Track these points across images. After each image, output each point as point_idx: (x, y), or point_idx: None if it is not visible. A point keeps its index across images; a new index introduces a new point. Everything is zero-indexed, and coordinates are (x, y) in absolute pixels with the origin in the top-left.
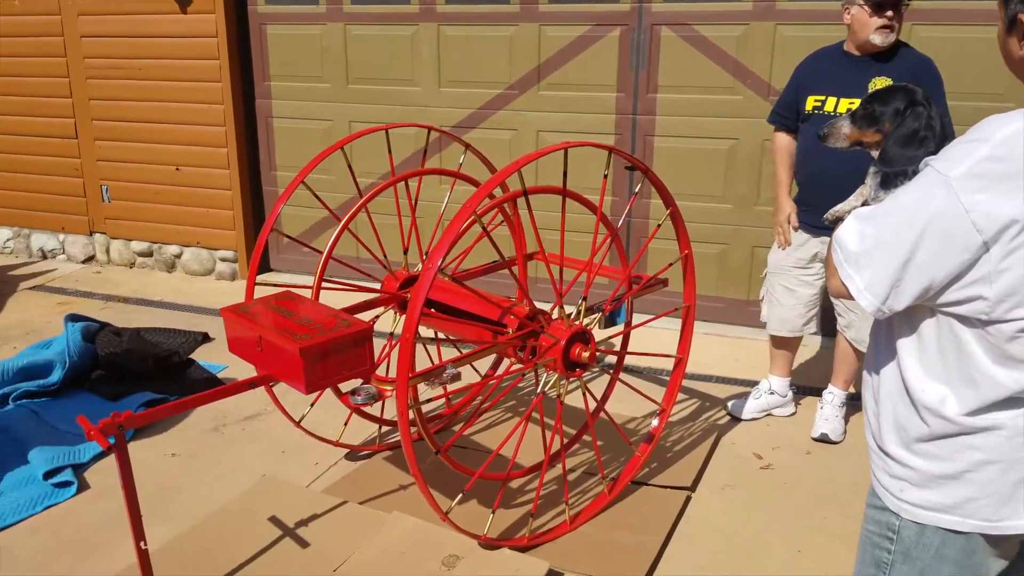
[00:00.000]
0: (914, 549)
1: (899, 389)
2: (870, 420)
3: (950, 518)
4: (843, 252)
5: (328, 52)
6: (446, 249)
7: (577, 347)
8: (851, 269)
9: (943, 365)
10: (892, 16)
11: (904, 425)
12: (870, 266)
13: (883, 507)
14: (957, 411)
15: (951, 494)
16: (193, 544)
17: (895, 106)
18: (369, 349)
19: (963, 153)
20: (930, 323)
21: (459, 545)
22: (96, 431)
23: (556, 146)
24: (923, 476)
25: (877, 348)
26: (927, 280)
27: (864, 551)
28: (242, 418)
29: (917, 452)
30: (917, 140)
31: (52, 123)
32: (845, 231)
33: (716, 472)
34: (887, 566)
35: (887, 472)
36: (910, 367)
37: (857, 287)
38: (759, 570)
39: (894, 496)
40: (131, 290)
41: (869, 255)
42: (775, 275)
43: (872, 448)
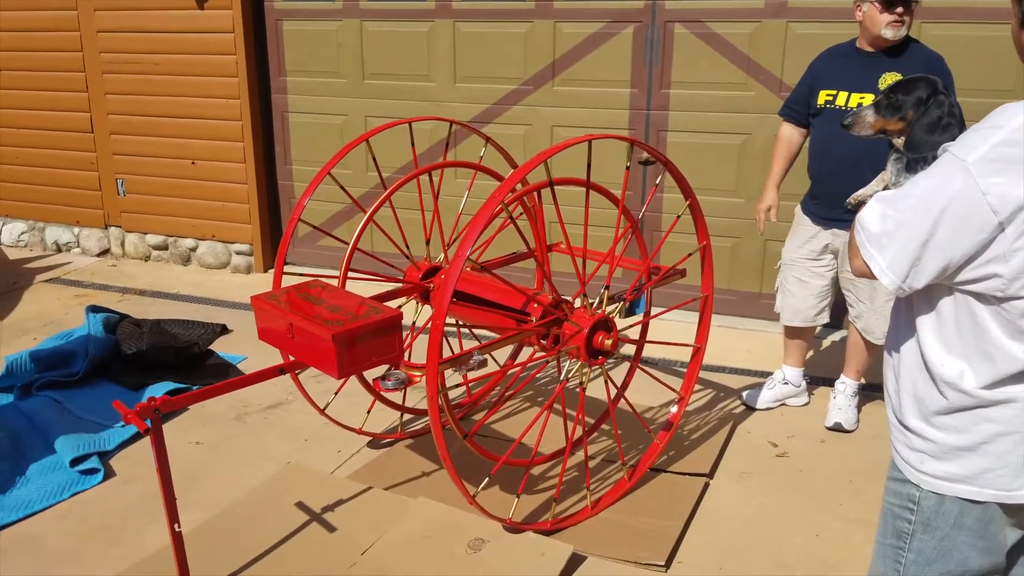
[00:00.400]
0: (934, 519)
1: (919, 365)
2: (891, 396)
3: (968, 488)
4: (865, 233)
5: (344, 48)
6: (475, 238)
7: (600, 335)
8: (873, 249)
9: (961, 341)
10: (902, 12)
11: (924, 399)
12: (891, 246)
13: (904, 479)
14: (974, 384)
15: (969, 465)
16: (221, 529)
17: (918, 95)
18: (399, 336)
19: (979, 139)
20: (948, 301)
21: (484, 529)
22: (133, 415)
23: (580, 138)
24: (942, 448)
25: (897, 327)
26: (946, 259)
27: (885, 523)
28: (264, 407)
29: (936, 425)
30: (941, 127)
31: (68, 117)
32: (867, 213)
33: (733, 460)
34: (908, 536)
35: (907, 445)
36: (929, 343)
37: (879, 266)
38: (778, 553)
39: (914, 468)
40: (147, 283)
41: (891, 235)
42: (788, 267)
43: (893, 423)
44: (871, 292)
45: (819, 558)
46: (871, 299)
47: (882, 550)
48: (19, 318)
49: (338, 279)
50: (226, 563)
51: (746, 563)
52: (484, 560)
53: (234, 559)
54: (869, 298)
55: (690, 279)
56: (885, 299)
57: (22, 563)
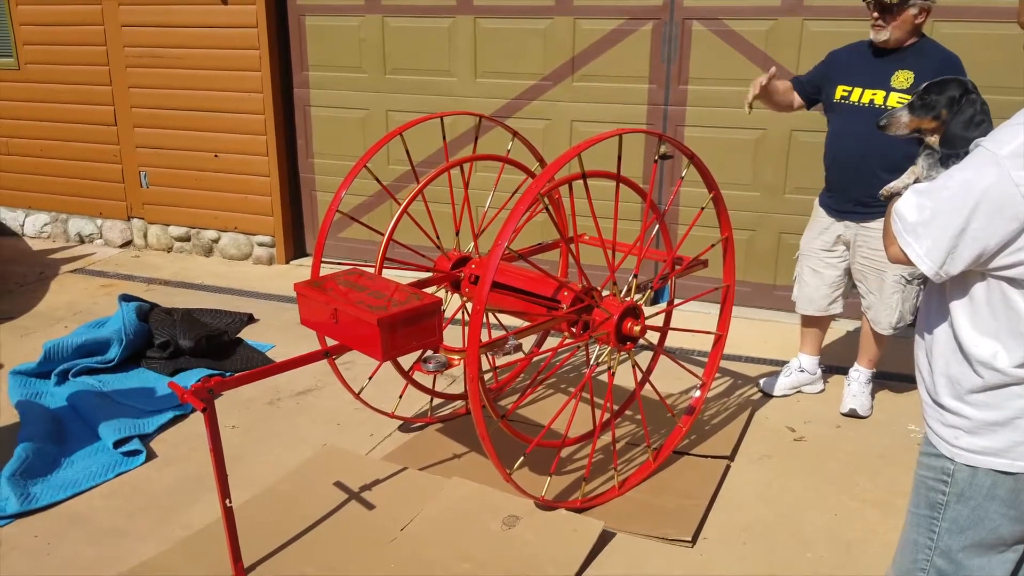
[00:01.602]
0: (967, 490)
1: (952, 347)
2: (924, 376)
3: (1001, 461)
4: (902, 223)
5: (366, 43)
6: (513, 227)
7: (628, 321)
8: (910, 238)
9: (994, 323)
10: (877, 16)
11: (957, 379)
12: (928, 235)
13: (938, 454)
14: (1008, 364)
15: (1001, 439)
16: (263, 508)
17: (950, 94)
18: (439, 321)
19: (1011, 135)
20: (981, 286)
21: (517, 507)
22: (190, 394)
23: (611, 132)
24: (976, 424)
25: (929, 311)
26: (980, 247)
27: (918, 494)
28: (295, 393)
29: (970, 403)
30: (975, 123)
31: (92, 110)
32: (904, 204)
33: (752, 444)
34: (942, 507)
35: (941, 422)
36: (963, 326)
37: (917, 254)
38: (798, 531)
39: (948, 443)
40: (171, 273)
41: (927, 225)
42: (804, 257)
43: (926, 402)
44: (879, 284)
45: (838, 536)
46: (880, 291)
47: (915, 519)
48: (50, 307)
49: (374, 267)
50: (272, 538)
51: (768, 540)
52: (519, 535)
53: (279, 535)
54: (878, 289)
55: (707, 271)
56: (892, 291)
57: (77, 537)
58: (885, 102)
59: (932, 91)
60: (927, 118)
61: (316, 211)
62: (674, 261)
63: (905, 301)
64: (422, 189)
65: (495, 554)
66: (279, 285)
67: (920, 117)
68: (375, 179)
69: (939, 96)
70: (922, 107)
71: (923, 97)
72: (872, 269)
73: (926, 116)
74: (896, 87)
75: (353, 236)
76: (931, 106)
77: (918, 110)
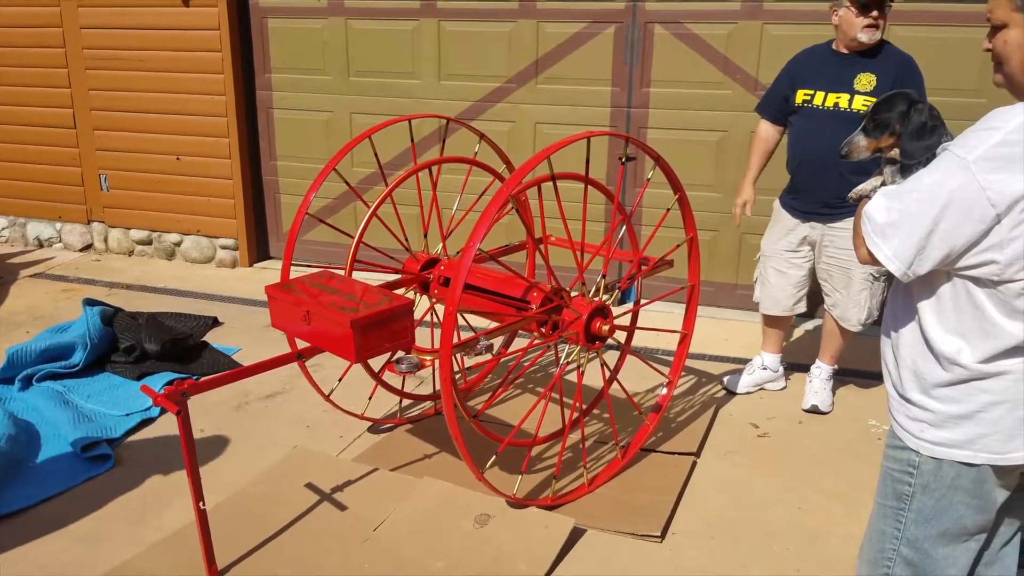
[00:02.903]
0: (932, 482)
1: (918, 343)
2: (890, 371)
3: (964, 452)
4: (871, 224)
5: (329, 46)
6: (485, 229)
7: (597, 321)
8: (879, 239)
9: (959, 320)
10: (877, 16)
11: (923, 374)
12: (896, 236)
13: (903, 446)
14: (971, 359)
15: (965, 432)
16: (235, 510)
17: (899, 110)
18: (411, 322)
19: (979, 140)
20: (947, 286)
21: (489, 505)
22: (163, 397)
23: (580, 135)
24: (940, 417)
25: (895, 309)
26: (947, 248)
27: (885, 486)
28: (263, 396)
29: (935, 397)
30: (928, 130)
31: (50, 113)
32: (873, 206)
33: (717, 440)
34: (908, 498)
35: (907, 416)
36: (929, 323)
37: (885, 255)
38: (764, 524)
39: (914, 436)
40: (133, 277)
41: (896, 226)
42: (767, 259)
43: (892, 396)
44: (847, 282)
45: (802, 528)
46: (847, 288)
47: (882, 511)
48: (9, 312)
49: (343, 270)
50: (245, 540)
51: (735, 534)
52: (492, 534)
53: (252, 537)
54: (845, 287)
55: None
56: (860, 288)
57: (48, 543)
58: (850, 105)
59: (881, 110)
60: (883, 136)
61: (280, 214)
62: (640, 261)
63: (873, 297)
64: (391, 191)
65: (469, 552)
66: (243, 288)
67: (876, 138)
68: (344, 182)
69: (889, 113)
70: (875, 128)
71: (874, 118)
72: (839, 268)
73: (882, 135)
74: (860, 90)
75: (317, 239)
76: (884, 124)
77: (872, 132)
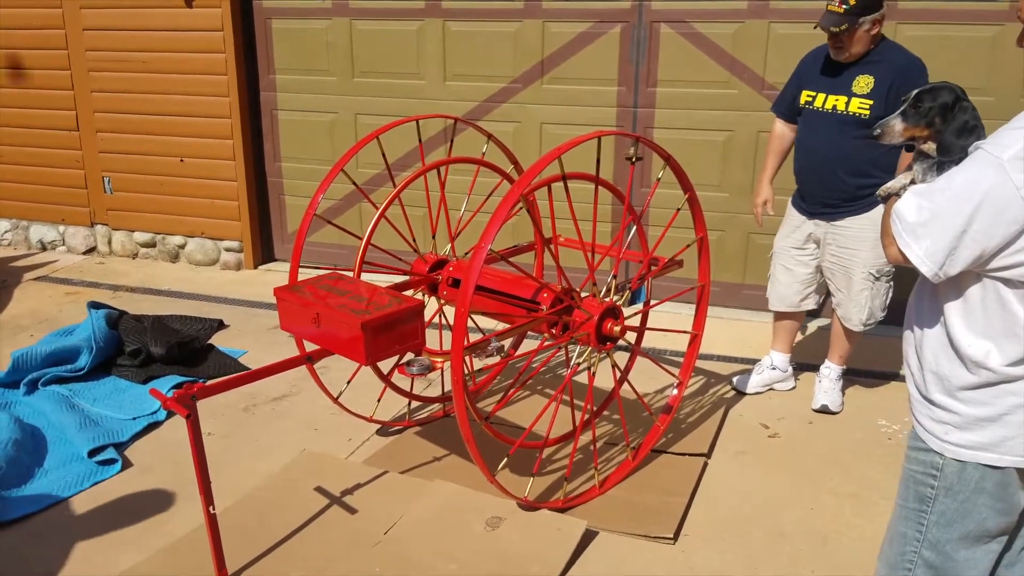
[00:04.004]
0: (956, 484)
1: (943, 345)
2: (913, 373)
3: (989, 455)
4: (902, 223)
5: (334, 46)
6: (497, 230)
7: (608, 321)
8: (910, 238)
9: (987, 323)
10: (831, 39)
11: (948, 376)
12: (928, 236)
13: (927, 448)
14: (1000, 362)
15: (990, 434)
16: (244, 514)
17: (943, 101)
18: (421, 324)
19: (1013, 138)
20: (975, 287)
21: (500, 508)
22: (172, 401)
23: (591, 134)
24: (965, 420)
25: (919, 311)
26: (980, 248)
27: (907, 488)
28: (271, 399)
29: (961, 399)
30: (968, 130)
31: (53, 115)
32: (904, 205)
33: (728, 441)
34: (931, 500)
35: (930, 417)
36: (956, 326)
37: (916, 255)
38: (776, 525)
39: (938, 438)
40: (137, 280)
41: (927, 226)
42: (777, 255)
43: (915, 397)
44: (847, 281)
45: (814, 529)
46: (848, 288)
47: (903, 513)
48: (14, 315)
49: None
50: (254, 544)
51: (747, 535)
52: (503, 536)
53: (262, 541)
54: (846, 287)
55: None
56: (860, 288)
57: (55, 548)
58: (847, 107)
59: (924, 99)
60: (920, 125)
61: (284, 216)
62: (650, 262)
63: (875, 298)
64: (400, 191)
65: (480, 555)
66: (248, 291)
67: (914, 125)
68: (352, 182)
69: (932, 104)
70: (916, 115)
71: (916, 105)
72: (840, 267)
73: (919, 123)
74: (857, 92)
75: (323, 240)
76: (924, 114)
77: (911, 118)
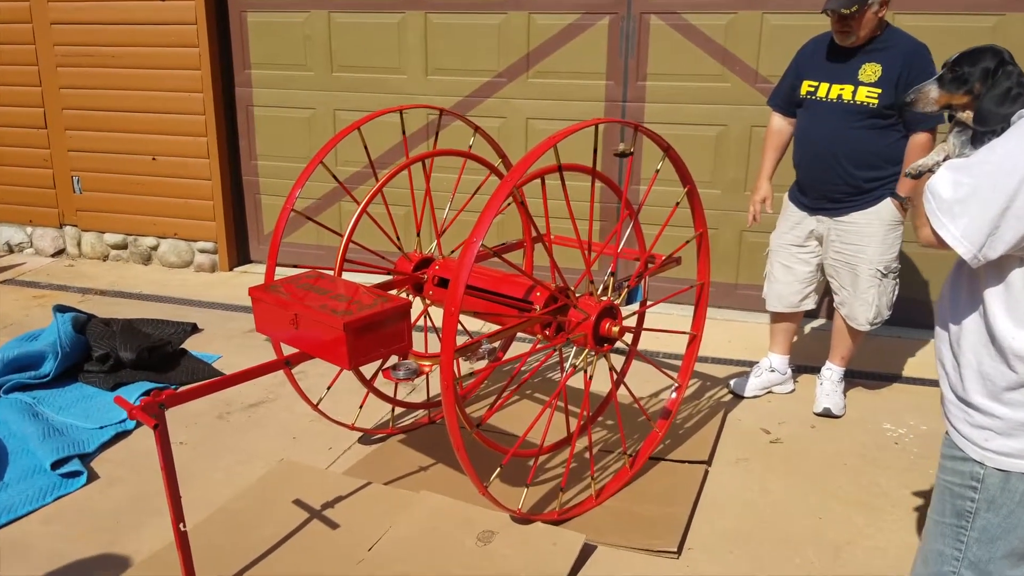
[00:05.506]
0: (999, 496)
1: (984, 340)
2: (948, 372)
3: None
4: (936, 200)
5: (311, 40)
6: (489, 223)
7: (606, 322)
8: (945, 218)
9: None
10: (838, 22)
11: (991, 376)
12: (966, 214)
13: (964, 457)
14: None
15: None
16: (218, 529)
17: (984, 66)
18: (408, 325)
19: None
20: (1020, 272)
21: (492, 521)
22: (139, 410)
23: (588, 122)
24: (1010, 424)
25: (956, 301)
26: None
27: (942, 502)
28: (247, 406)
29: (1004, 401)
30: (1010, 98)
31: (19, 112)
32: (939, 180)
33: (728, 447)
34: (970, 515)
35: (969, 422)
36: (998, 316)
37: (953, 235)
38: (783, 536)
39: (978, 446)
40: (108, 283)
41: (965, 203)
42: (774, 253)
43: (950, 400)
44: (853, 279)
45: (824, 539)
46: (853, 286)
47: (939, 529)
48: None
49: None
50: (228, 563)
51: (754, 546)
52: (497, 552)
53: (236, 559)
54: (852, 285)
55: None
56: (867, 286)
57: (15, 567)
58: (853, 96)
59: (964, 62)
60: (959, 92)
61: (261, 215)
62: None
63: (882, 296)
64: (383, 185)
65: (472, 572)
66: (223, 293)
67: (951, 92)
68: (332, 176)
69: (972, 68)
70: (953, 81)
71: (954, 69)
72: (845, 264)
73: (958, 90)
74: (864, 80)
75: (301, 240)
76: (963, 79)
77: (948, 84)
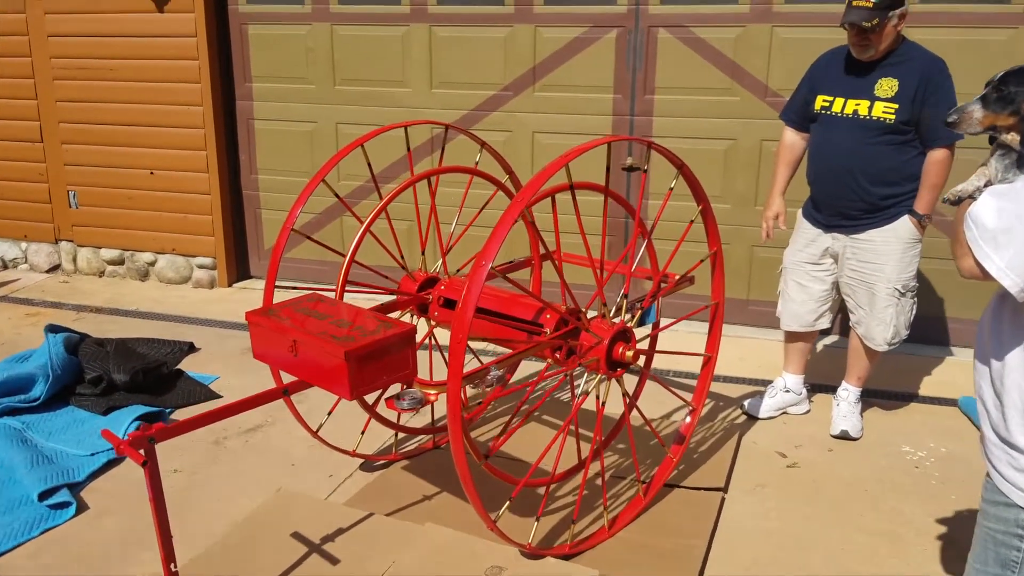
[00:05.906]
0: None
1: None
2: (989, 411)
3: None
4: (979, 229)
5: (313, 53)
6: (499, 244)
7: (620, 345)
8: (989, 248)
9: None
10: (857, 36)
11: None
12: (1011, 244)
13: (1009, 503)
14: None
15: None
16: (212, 565)
17: None
18: (413, 351)
19: None
20: None
21: (500, 556)
22: (127, 445)
23: (600, 140)
24: None
25: (998, 334)
26: None
27: (985, 550)
28: (244, 431)
29: None
30: None
31: (15, 126)
32: (981, 208)
33: (744, 472)
34: (1016, 565)
35: (1013, 466)
36: None
37: (998, 266)
38: (806, 568)
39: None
40: (104, 300)
41: (1010, 232)
42: (789, 271)
43: (992, 441)
44: (870, 298)
45: (848, 572)
46: (871, 305)
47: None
48: None
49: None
50: None
51: None
52: None
53: None
54: (868, 304)
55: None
56: (884, 305)
57: None
58: (870, 112)
59: (1010, 82)
60: (1004, 113)
61: (261, 231)
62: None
63: (900, 315)
64: (388, 203)
65: None
66: (222, 310)
67: (996, 112)
68: (334, 194)
69: (1018, 88)
70: (998, 100)
71: (1000, 89)
72: (862, 283)
73: (1003, 110)
74: (880, 96)
75: (302, 256)
76: (1009, 99)
77: (994, 104)
